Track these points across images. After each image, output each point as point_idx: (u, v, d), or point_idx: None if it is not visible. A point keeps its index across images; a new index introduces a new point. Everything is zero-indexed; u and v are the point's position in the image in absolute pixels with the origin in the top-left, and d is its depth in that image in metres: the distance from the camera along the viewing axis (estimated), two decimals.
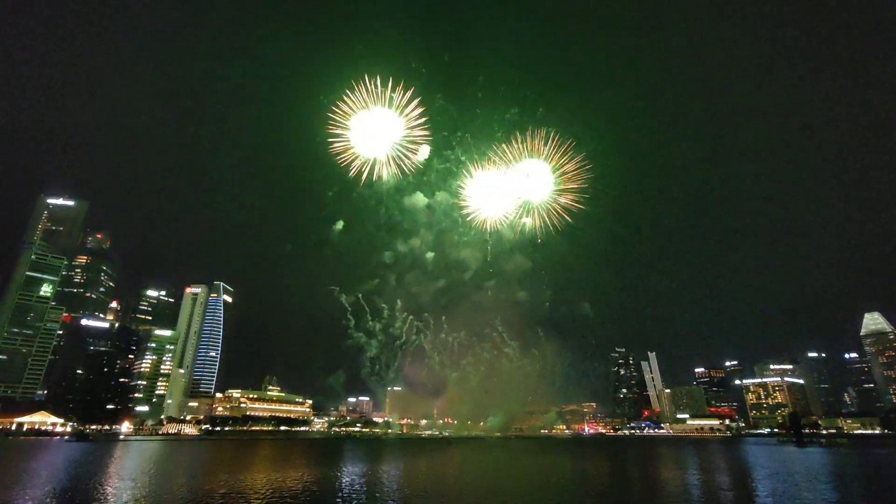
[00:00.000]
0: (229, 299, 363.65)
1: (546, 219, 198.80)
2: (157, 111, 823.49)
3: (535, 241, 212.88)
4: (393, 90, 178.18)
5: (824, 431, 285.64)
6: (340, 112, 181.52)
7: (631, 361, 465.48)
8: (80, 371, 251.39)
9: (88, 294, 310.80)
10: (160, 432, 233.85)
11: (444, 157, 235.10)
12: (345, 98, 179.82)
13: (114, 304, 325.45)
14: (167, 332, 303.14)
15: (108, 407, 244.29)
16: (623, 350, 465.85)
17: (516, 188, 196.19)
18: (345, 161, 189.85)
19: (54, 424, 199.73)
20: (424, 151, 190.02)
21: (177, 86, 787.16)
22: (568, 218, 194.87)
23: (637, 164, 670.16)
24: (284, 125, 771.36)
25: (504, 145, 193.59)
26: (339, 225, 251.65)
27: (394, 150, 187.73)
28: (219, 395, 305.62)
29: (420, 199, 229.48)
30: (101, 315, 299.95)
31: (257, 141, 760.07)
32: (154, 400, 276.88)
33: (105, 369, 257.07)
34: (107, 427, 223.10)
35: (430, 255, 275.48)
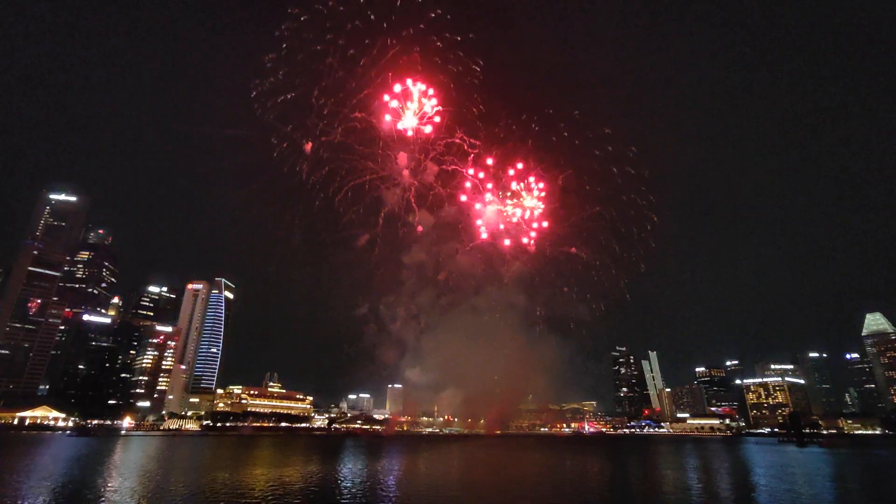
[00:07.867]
0: (231, 296, 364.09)
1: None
2: (158, 107, 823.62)
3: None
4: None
5: (824, 432, 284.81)
6: None
7: (631, 360, 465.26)
8: (81, 366, 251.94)
9: (90, 289, 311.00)
10: (161, 428, 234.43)
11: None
12: None
13: (115, 300, 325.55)
14: (168, 328, 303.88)
15: (109, 402, 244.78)
16: (623, 349, 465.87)
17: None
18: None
19: (56, 419, 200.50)
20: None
21: (178, 82, 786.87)
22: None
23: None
24: None
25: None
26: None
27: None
28: (220, 391, 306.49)
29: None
30: (103, 310, 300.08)
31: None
32: (155, 395, 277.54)
33: (106, 365, 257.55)
34: (108, 422, 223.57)
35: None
